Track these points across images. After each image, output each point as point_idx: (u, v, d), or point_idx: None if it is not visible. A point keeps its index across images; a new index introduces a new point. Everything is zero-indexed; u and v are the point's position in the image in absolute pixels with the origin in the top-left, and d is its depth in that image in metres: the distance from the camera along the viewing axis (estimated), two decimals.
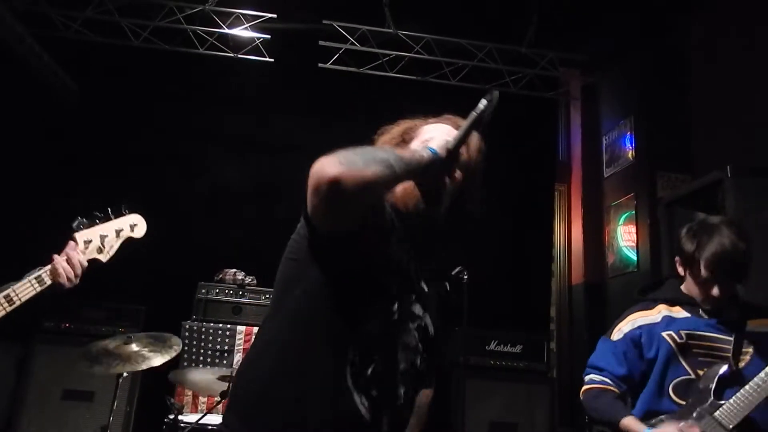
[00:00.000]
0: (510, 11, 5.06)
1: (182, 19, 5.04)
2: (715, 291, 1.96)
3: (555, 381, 4.72)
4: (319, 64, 5.26)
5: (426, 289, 1.41)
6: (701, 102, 4.58)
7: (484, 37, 5.30)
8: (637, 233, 4.73)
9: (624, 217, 4.96)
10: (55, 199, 4.48)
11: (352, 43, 5.19)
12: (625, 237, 4.91)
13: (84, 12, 4.97)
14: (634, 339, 2.09)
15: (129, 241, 2.07)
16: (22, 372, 3.96)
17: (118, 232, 2.02)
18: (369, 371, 1.24)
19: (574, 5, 4.89)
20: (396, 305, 1.29)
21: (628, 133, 5.02)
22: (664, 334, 2.02)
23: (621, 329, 2.15)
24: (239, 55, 5.18)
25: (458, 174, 1.36)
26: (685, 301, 2.07)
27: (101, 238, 1.96)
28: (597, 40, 5.26)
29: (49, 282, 1.82)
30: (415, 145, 1.42)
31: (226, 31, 5.10)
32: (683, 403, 1.96)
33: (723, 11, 4.36)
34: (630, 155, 4.96)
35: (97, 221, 1.98)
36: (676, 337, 2.01)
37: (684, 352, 2.00)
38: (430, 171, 1.25)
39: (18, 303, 1.78)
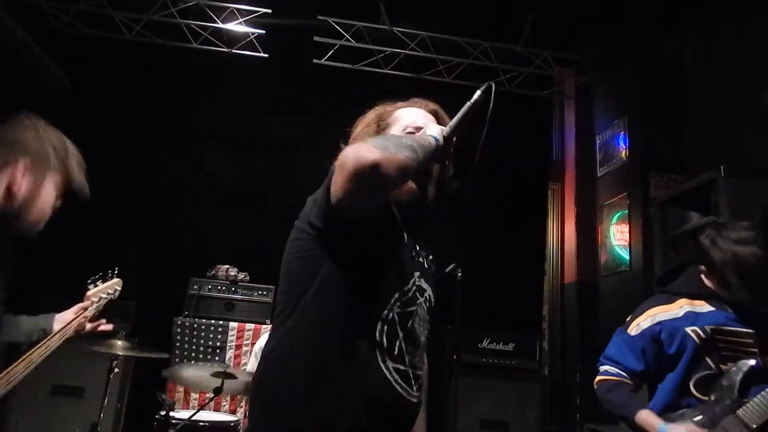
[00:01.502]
0: (505, 10, 5.05)
1: (176, 13, 5.00)
2: (743, 294, 1.93)
3: (546, 379, 4.73)
4: (314, 60, 5.24)
5: (425, 264, 1.49)
6: (694, 103, 4.61)
7: (480, 35, 5.29)
8: (629, 232, 4.75)
9: (617, 216, 4.98)
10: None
11: (347, 40, 5.17)
12: (618, 236, 4.93)
13: (77, 5, 4.93)
14: (654, 335, 2.03)
15: (109, 303, 2.31)
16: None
17: (108, 295, 2.29)
18: (396, 350, 1.31)
19: (569, 5, 4.90)
20: (410, 283, 1.38)
21: (622, 132, 5.04)
22: (688, 329, 1.97)
23: (639, 324, 2.07)
24: (233, 50, 5.15)
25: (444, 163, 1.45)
26: (708, 295, 2.02)
27: (99, 300, 2.23)
28: (592, 40, 5.27)
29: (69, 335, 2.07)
30: (397, 131, 1.49)
31: (220, 25, 5.07)
32: (705, 398, 1.92)
33: (716, 14, 4.38)
34: (623, 155, 4.98)
35: (99, 282, 2.25)
36: (700, 332, 1.95)
37: (708, 347, 1.95)
38: (432, 158, 1.32)
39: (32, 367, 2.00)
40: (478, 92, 1.43)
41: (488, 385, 4.32)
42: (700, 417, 1.88)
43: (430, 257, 1.54)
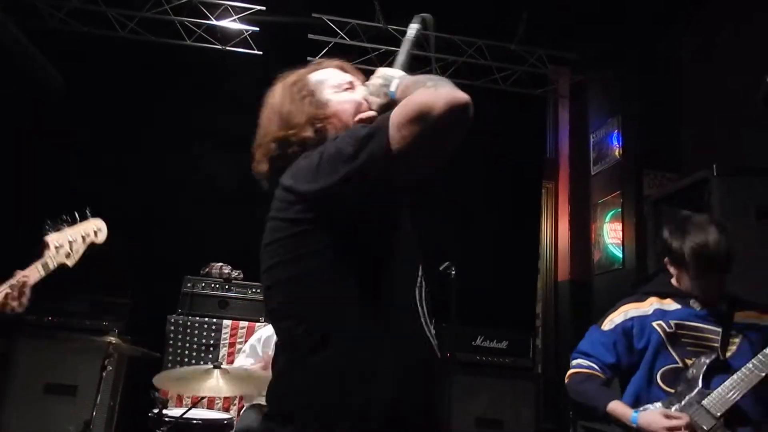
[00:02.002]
0: (500, 8, 5.06)
1: (170, 9, 4.97)
2: (702, 283, 2.01)
3: (540, 377, 4.75)
4: (308, 58, 5.21)
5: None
6: (687, 101, 4.62)
7: (474, 33, 5.29)
8: (623, 231, 4.77)
9: (610, 214, 5.00)
10: (41, 192, 4.41)
11: (342, 37, 5.17)
12: (611, 234, 4.95)
13: (69, 2, 4.90)
14: (626, 330, 2.12)
15: (92, 245, 2.11)
16: (4, 366, 3.91)
17: (84, 237, 2.07)
18: (426, 318, 1.26)
19: (564, 3, 4.91)
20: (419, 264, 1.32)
21: (616, 131, 5.05)
22: (654, 324, 2.07)
23: (612, 320, 2.18)
24: (227, 48, 5.13)
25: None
26: (675, 293, 2.12)
27: (69, 243, 2.02)
28: (586, 38, 5.29)
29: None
30: (331, 92, 1.38)
31: (214, 22, 5.05)
32: (672, 391, 1.99)
33: (711, 13, 4.39)
34: (617, 153, 5.00)
35: (65, 225, 2.02)
36: (665, 327, 2.05)
37: (673, 341, 2.04)
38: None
39: None
40: (414, 26, 1.44)
41: (482, 383, 4.33)
42: (668, 408, 1.96)
43: None
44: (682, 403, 1.95)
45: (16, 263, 1.87)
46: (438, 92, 1.07)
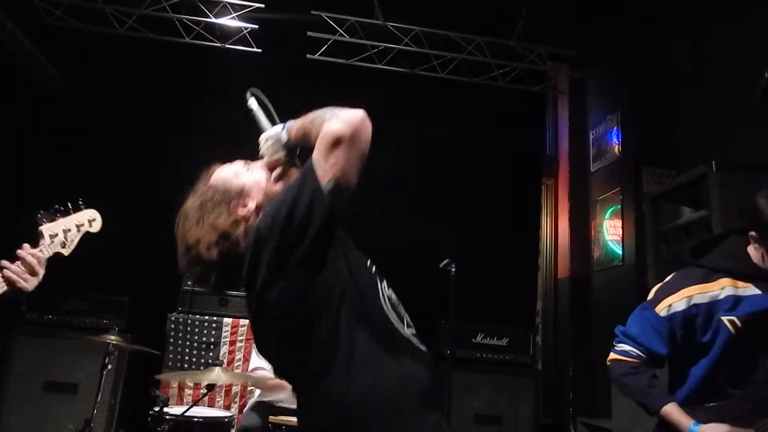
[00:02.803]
0: (499, 5, 5.06)
1: (168, 7, 4.97)
2: None
3: (540, 374, 4.76)
4: (308, 55, 5.22)
5: None
6: (686, 98, 4.62)
7: (473, 30, 5.29)
8: (622, 227, 4.77)
9: (610, 211, 5.00)
10: (38, 190, 4.40)
11: (341, 35, 5.16)
12: (611, 231, 4.95)
13: None
14: (688, 319, 1.78)
15: (87, 235, 2.08)
16: (3, 364, 3.91)
17: (78, 227, 2.04)
18: (400, 315, 1.37)
19: (563, 1, 4.90)
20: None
21: (615, 128, 5.05)
22: (725, 318, 1.74)
23: (671, 304, 1.81)
24: (226, 45, 5.12)
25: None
26: (755, 274, 1.77)
27: (64, 233, 1.99)
28: (585, 35, 5.28)
29: (5, 287, 1.80)
30: (253, 176, 1.49)
31: (213, 20, 5.04)
32: (736, 392, 1.75)
33: (709, 10, 4.39)
34: (616, 150, 5.00)
35: (59, 215, 2.00)
36: (738, 323, 1.73)
37: (745, 338, 1.73)
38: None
39: None
40: (251, 100, 1.65)
41: (482, 379, 4.34)
42: (728, 411, 1.72)
43: None
44: (747, 408, 1.70)
45: (9, 255, 1.85)
46: (340, 118, 1.25)
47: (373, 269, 1.40)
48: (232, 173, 1.50)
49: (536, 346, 4.81)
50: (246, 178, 1.47)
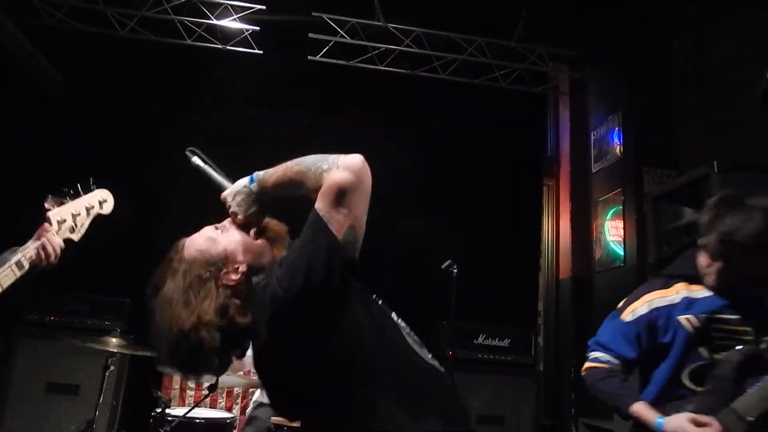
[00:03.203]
0: (500, 6, 5.06)
1: (169, 9, 4.97)
2: (727, 269, 1.83)
3: (541, 374, 4.75)
4: (309, 57, 5.23)
5: None
6: (688, 99, 4.62)
7: (474, 32, 5.29)
8: (624, 228, 4.76)
9: (611, 212, 4.99)
10: (37, 189, 4.40)
11: (342, 36, 5.16)
12: (613, 232, 4.94)
13: (68, 0, 4.90)
14: (651, 322, 1.91)
15: (98, 217, 2.01)
16: (5, 365, 3.92)
17: (88, 210, 1.97)
18: (416, 341, 1.36)
19: (564, 1, 4.91)
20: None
21: (616, 128, 5.05)
22: (681, 318, 1.87)
23: (635, 310, 1.95)
24: (228, 47, 5.13)
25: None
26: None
27: (73, 217, 1.91)
28: (586, 36, 5.28)
29: (27, 266, 1.76)
30: (229, 238, 1.44)
31: (215, 22, 5.04)
32: (698, 389, 1.84)
33: (709, 10, 4.39)
34: (618, 151, 4.99)
35: (67, 198, 1.93)
36: (694, 321, 1.86)
37: (702, 336, 1.85)
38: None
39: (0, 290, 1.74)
40: (194, 159, 1.64)
41: (483, 380, 4.34)
42: (693, 408, 1.80)
43: None
44: (710, 403, 1.78)
45: (17, 242, 1.83)
46: (342, 166, 1.23)
47: (393, 315, 1.38)
48: (207, 241, 1.41)
49: (538, 346, 4.81)
50: (225, 242, 1.38)
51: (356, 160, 1.25)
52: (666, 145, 4.69)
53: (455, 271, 3.65)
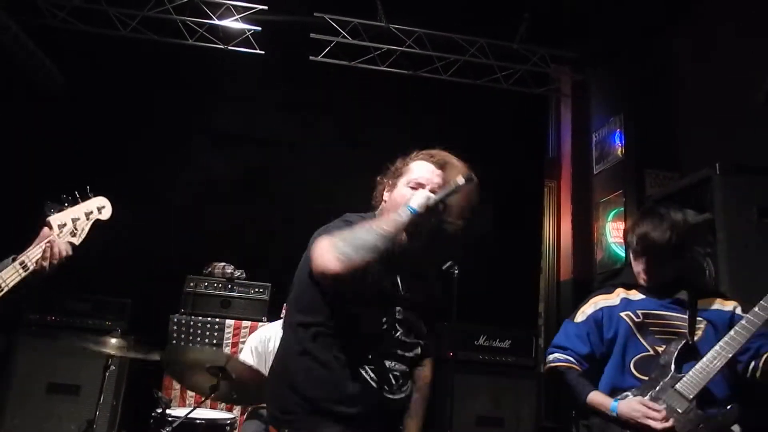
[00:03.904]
0: (502, 7, 5.05)
1: (171, 9, 4.98)
2: (649, 266, 2.13)
3: (542, 376, 4.73)
4: (310, 57, 5.23)
5: (408, 296, 1.80)
6: (690, 100, 4.62)
7: (476, 33, 5.29)
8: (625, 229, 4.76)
9: (613, 213, 4.99)
10: (40, 191, 4.40)
11: (344, 36, 5.16)
12: (614, 233, 4.94)
13: (71, 1, 4.90)
14: (597, 320, 2.19)
15: (97, 223, 2.07)
16: (6, 365, 3.91)
17: (87, 215, 2.03)
18: (381, 368, 1.71)
19: (566, 3, 4.90)
20: (384, 318, 1.72)
21: (618, 130, 5.05)
22: (622, 314, 2.14)
23: (584, 311, 2.25)
24: (229, 47, 5.13)
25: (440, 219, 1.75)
26: (639, 285, 2.19)
27: (73, 222, 1.98)
28: (588, 37, 5.28)
29: (32, 267, 1.82)
30: (403, 183, 1.83)
31: (216, 22, 5.05)
32: (645, 378, 2.05)
33: (710, 13, 4.38)
34: (619, 152, 4.99)
35: (66, 204, 2.00)
36: (633, 317, 2.13)
37: (641, 330, 2.11)
38: (410, 225, 1.63)
39: (5, 289, 1.77)
40: (461, 179, 1.71)
41: (484, 382, 4.33)
42: (642, 393, 2.02)
43: (412, 285, 1.82)
44: (657, 388, 2.00)
45: (18, 247, 1.85)
46: (323, 259, 1.56)
47: (387, 335, 1.78)
48: (410, 177, 1.88)
49: (538, 348, 4.80)
50: (401, 189, 1.86)
51: (329, 267, 1.56)
52: (667, 147, 4.68)
53: (456, 272, 3.64)
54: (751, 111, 3.73)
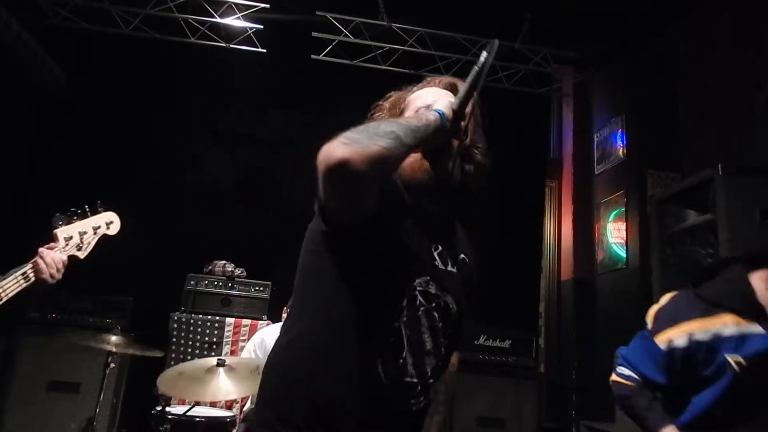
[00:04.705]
0: (504, 7, 5.05)
1: (173, 7, 4.97)
2: None
3: (543, 376, 4.74)
4: (312, 56, 5.22)
5: (445, 268, 1.38)
6: (692, 101, 4.61)
7: (478, 32, 5.28)
8: (626, 230, 4.76)
9: (614, 214, 4.98)
10: (42, 191, 4.41)
11: (346, 35, 5.16)
12: (615, 234, 4.93)
13: None
14: (688, 355, 1.78)
15: (105, 237, 2.09)
16: (7, 363, 3.92)
17: (95, 229, 2.05)
18: (400, 360, 1.26)
19: (568, 3, 4.89)
20: (414, 291, 1.29)
21: (619, 130, 5.04)
22: (730, 358, 1.73)
23: (671, 339, 1.81)
24: (231, 45, 5.12)
25: (463, 136, 1.37)
26: (760, 314, 1.77)
27: (80, 235, 2.00)
28: (590, 38, 5.27)
29: (33, 278, 1.84)
30: (416, 110, 1.39)
31: (218, 20, 5.04)
32: (732, 425, 1.78)
33: (712, 14, 4.38)
34: (621, 153, 4.99)
35: (75, 218, 2.01)
36: (743, 362, 1.73)
37: (747, 376, 1.74)
38: (439, 134, 1.25)
39: (4, 299, 1.80)
40: (484, 53, 1.34)
41: (485, 382, 4.32)
42: None
43: (460, 258, 1.44)
44: None
45: (23, 257, 1.86)
46: (327, 150, 1.10)
47: (413, 303, 1.35)
48: (416, 104, 1.49)
49: (539, 348, 4.80)
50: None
51: (332, 157, 1.12)
52: (669, 148, 4.68)
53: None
54: (753, 112, 3.72)
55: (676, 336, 1.80)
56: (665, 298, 1.96)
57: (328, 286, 1.27)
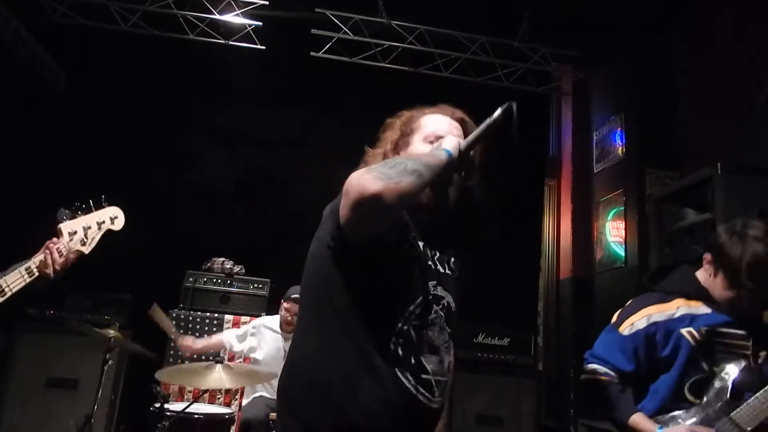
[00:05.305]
0: (503, 5, 5.04)
1: (172, 3, 4.96)
2: (749, 297, 1.87)
3: (541, 375, 4.74)
4: (311, 53, 5.21)
5: (444, 271, 1.53)
6: (691, 99, 4.61)
7: (477, 30, 5.28)
8: (625, 229, 4.76)
9: (613, 212, 4.98)
10: (41, 189, 4.40)
11: (345, 33, 5.15)
12: (614, 232, 4.93)
13: None
14: (649, 336, 1.93)
15: (109, 233, 2.10)
16: (5, 360, 3.91)
17: (99, 224, 2.05)
18: (413, 360, 1.37)
19: (567, 1, 4.89)
20: (421, 296, 1.41)
21: (619, 129, 5.04)
22: (683, 331, 1.90)
23: (633, 323, 1.97)
24: (230, 42, 5.11)
25: (465, 172, 1.52)
26: (705, 296, 1.95)
27: (84, 230, 2.00)
28: (589, 36, 5.27)
29: (37, 273, 1.83)
30: (419, 140, 1.54)
31: (218, 17, 5.03)
32: (697, 401, 1.87)
33: (712, 12, 4.37)
34: (620, 151, 4.98)
35: (80, 213, 2.01)
36: (696, 335, 1.89)
37: (703, 349, 1.88)
38: (446, 171, 1.38)
39: (9, 294, 1.79)
40: (498, 111, 1.47)
41: (483, 380, 4.32)
42: (693, 419, 1.84)
43: (452, 261, 1.59)
44: (709, 414, 1.83)
45: (23, 257, 1.86)
46: (360, 182, 1.20)
47: (421, 308, 1.46)
48: (425, 132, 1.59)
49: (538, 347, 4.81)
50: (418, 146, 1.56)
51: (367, 191, 1.22)
52: (668, 146, 4.68)
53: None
54: (752, 111, 3.72)
55: (637, 320, 1.97)
56: (627, 303, 2.11)
57: (343, 297, 1.35)
